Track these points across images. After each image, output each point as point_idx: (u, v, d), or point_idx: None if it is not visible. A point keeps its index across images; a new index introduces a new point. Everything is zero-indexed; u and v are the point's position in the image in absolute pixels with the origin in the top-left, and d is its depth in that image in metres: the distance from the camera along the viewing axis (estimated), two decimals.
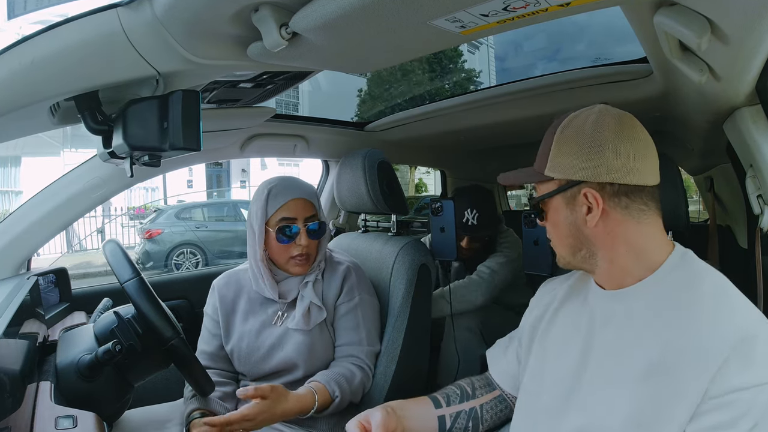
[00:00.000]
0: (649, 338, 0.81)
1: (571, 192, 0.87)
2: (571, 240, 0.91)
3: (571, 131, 0.88)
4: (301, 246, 1.43)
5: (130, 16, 0.83)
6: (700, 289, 0.81)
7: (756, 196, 1.08)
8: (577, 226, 0.88)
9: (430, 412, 1.10)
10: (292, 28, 0.85)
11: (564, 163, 0.87)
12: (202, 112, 0.99)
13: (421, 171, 15.42)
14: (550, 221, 0.94)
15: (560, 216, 0.90)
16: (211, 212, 10.07)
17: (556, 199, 0.90)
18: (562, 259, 0.95)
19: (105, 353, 1.10)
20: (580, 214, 0.87)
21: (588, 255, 0.90)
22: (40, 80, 0.91)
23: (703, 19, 0.74)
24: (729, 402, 0.71)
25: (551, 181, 0.90)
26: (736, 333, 0.74)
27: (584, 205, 0.86)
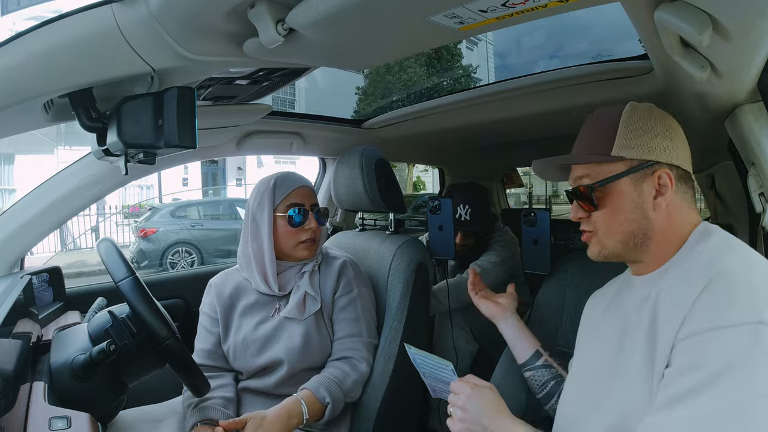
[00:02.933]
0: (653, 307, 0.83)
1: (642, 173, 0.87)
2: (633, 226, 0.88)
3: (640, 114, 0.89)
4: (311, 229, 1.49)
5: (125, 12, 0.82)
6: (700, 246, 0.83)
7: (758, 194, 1.08)
8: (644, 210, 0.87)
9: (534, 342, 1.24)
10: (289, 24, 0.84)
11: (638, 144, 0.87)
12: (197, 109, 0.98)
13: (419, 169, 15.46)
14: (609, 207, 0.89)
15: (625, 200, 0.88)
16: (207, 210, 10.05)
17: (624, 182, 0.88)
18: (606, 250, 0.92)
19: (99, 353, 1.09)
20: (648, 196, 0.87)
21: (641, 242, 0.88)
22: (33, 77, 0.90)
23: (704, 15, 0.74)
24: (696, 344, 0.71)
25: (616, 162, 0.88)
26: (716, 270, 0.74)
27: (653, 187, 0.86)
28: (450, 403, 0.99)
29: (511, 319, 1.28)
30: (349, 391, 1.42)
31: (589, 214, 0.92)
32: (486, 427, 0.91)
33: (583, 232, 0.95)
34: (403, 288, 1.55)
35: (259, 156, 15.09)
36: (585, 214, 0.93)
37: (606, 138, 0.89)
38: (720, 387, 0.66)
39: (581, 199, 0.92)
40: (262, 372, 1.46)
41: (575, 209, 0.95)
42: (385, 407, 1.46)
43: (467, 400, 0.94)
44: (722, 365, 0.67)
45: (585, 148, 0.93)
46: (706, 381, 0.67)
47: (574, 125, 1.00)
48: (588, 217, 0.93)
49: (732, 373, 0.66)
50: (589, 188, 0.90)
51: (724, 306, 0.70)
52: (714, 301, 0.71)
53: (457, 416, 0.95)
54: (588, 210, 0.92)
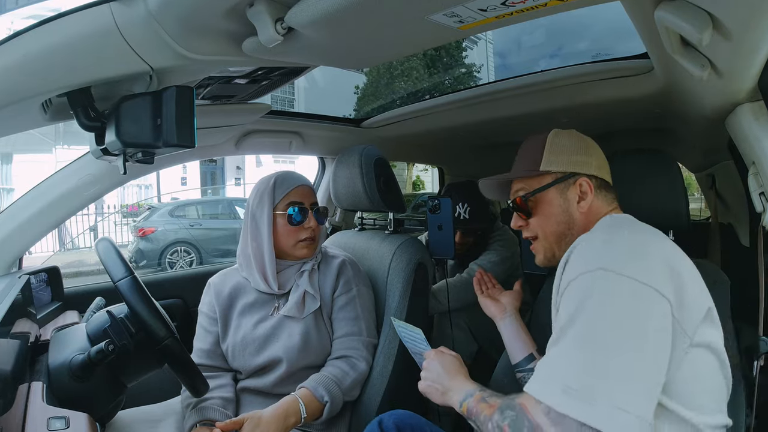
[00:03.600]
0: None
1: (566, 183, 1.07)
2: (562, 227, 1.07)
3: (562, 137, 1.10)
4: (310, 228, 1.51)
5: (124, 12, 0.82)
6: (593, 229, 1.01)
7: (758, 193, 1.07)
8: (570, 212, 1.06)
9: (530, 345, 1.30)
10: (288, 23, 0.84)
11: (561, 160, 1.07)
12: (196, 108, 0.98)
13: (418, 168, 15.45)
14: (541, 214, 1.09)
15: (554, 206, 1.07)
16: (206, 210, 10.03)
17: (551, 191, 1.08)
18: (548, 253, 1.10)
19: (98, 353, 1.09)
20: (573, 201, 1.06)
21: (569, 240, 1.03)
22: (31, 76, 0.90)
23: (704, 14, 0.74)
24: (565, 293, 0.88)
25: (544, 176, 1.08)
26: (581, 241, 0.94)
27: (576, 194, 1.06)
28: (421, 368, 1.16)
29: (509, 320, 1.34)
30: (348, 390, 1.42)
31: (527, 222, 1.12)
32: (444, 384, 1.08)
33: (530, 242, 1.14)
34: (402, 288, 1.55)
35: (258, 155, 15.09)
36: (523, 222, 1.13)
37: (535, 157, 1.09)
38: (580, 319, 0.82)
39: (518, 209, 1.12)
40: (261, 371, 1.46)
41: (515, 219, 1.14)
42: (384, 407, 1.46)
43: (431, 362, 1.14)
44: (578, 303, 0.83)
45: (521, 167, 1.13)
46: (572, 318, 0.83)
47: (574, 124, 1.00)
48: (526, 225, 1.13)
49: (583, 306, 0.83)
50: (524, 198, 1.10)
51: (576, 263, 0.89)
52: (572, 263, 0.90)
53: (423, 376, 1.13)
54: (524, 218, 1.12)
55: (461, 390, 1.02)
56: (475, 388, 1.00)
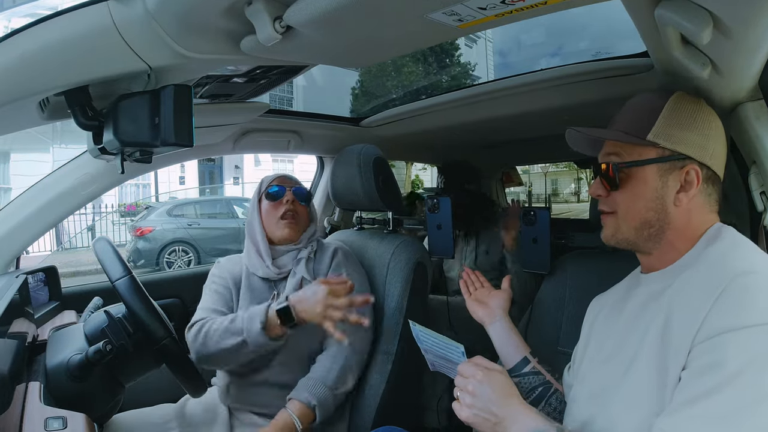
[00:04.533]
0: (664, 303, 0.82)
1: (672, 164, 0.86)
2: (650, 214, 0.88)
3: (686, 106, 0.88)
4: (288, 202, 1.57)
5: (122, 10, 0.82)
6: (713, 246, 0.83)
7: (759, 192, 1.07)
8: (664, 201, 0.87)
9: (523, 348, 1.20)
10: (286, 22, 0.84)
11: (675, 135, 0.86)
12: (194, 107, 0.98)
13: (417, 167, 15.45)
14: (629, 190, 0.89)
15: (648, 186, 0.87)
16: (204, 209, 10.02)
17: (650, 168, 0.87)
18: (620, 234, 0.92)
19: (95, 353, 1.08)
20: (672, 190, 0.86)
21: (655, 233, 0.88)
22: (29, 75, 0.90)
23: (704, 12, 0.73)
24: (719, 343, 0.70)
25: (648, 147, 0.87)
26: (730, 273, 0.74)
27: (679, 182, 0.86)
28: (457, 386, 0.94)
29: (499, 324, 1.24)
30: (336, 383, 1.41)
31: (608, 193, 0.92)
32: (496, 414, 0.87)
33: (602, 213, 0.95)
34: (401, 287, 1.55)
35: (257, 154, 15.07)
36: (604, 192, 0.93)
37: (645, 121, 0.88)
38: (739, 385, 0.66)
39: (604, 177, 0.92)
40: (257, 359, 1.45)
41: (596, 185, 0.94)
42: (383, 407, 1.46)
43: (478, 385, 0.90)
44: (741, 364, 0.67)
45: (622, 127, 0.91)
46: (725, 380, 0.67)
47: (574, 123, 0.99)
48: (606, 196, 0.93)
49: (751, 371, 0.66)
50: (615, 167, 0.89)
51: (741, 307, 0.70)
52: (731, 304, 0.71)
53: (466, 402, 0.90)
54: (607, 189, 0.92)
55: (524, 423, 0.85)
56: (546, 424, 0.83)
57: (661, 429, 0.71)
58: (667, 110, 0.87)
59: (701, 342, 0.72)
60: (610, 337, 0.94)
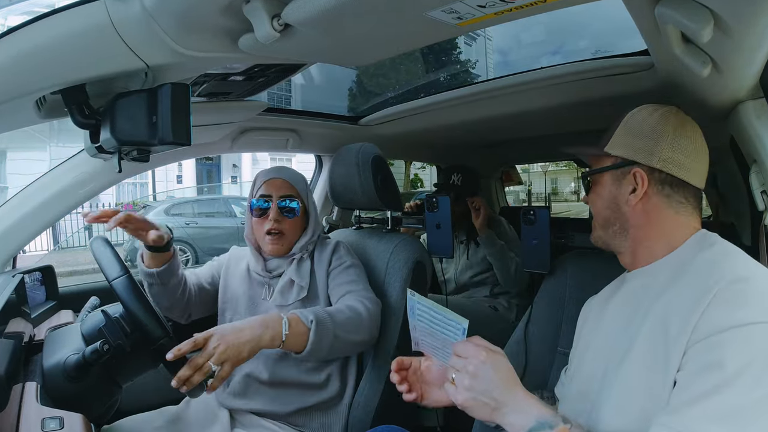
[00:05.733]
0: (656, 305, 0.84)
1: (622, 170, 0.96)
2: (607, 213, 0.99)
3: (637, 117, 0.97)
4: (272, 221, 1.49)
5: (119, 8, 0.81)
6: (705, 253, 0.85)
7: (760, 192, 1.07)
8: (617, 202, 0.97)
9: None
10: (285, 20, 0.83)
11: (623, 143, 0.96)
12: (191, 105, 0.98)
13: (416, 166, 15.46)
14: (594, 194, 1.02)
15: (605, 190, 0.99)
16: (202, 208, 10.00)
17: (606, 175, 0.99)
18: (595, 233, 1.04)
19: (92, 353, 1.08)
20: (624, 192, 0.95)
21: (619, 231, 0.97)
22: (25, 73, 0.89)
23: (705, 11, 0.73)
24: (716, 343, 0.70)
25: (608, 158, 0.99)
26: (726, 277, 0.75)
27: (630, 185, 0.94)
28: (453, 367, 0.86)
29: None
30: (341, 324, 1.32)
31: (587, 198, 1.07)
32: (496, 399, 0.81)
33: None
34: (400, 286, 1.54)
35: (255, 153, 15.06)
36: (585, 197, 1.08)
37: (608, 136, 0.99)
38: (740, 383, 0.67)
39: (584, 182, 1.07)
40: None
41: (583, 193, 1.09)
42: (382, 406, 1.45)
43: (480, 366, 0.82)
44: (741, 362, 0.67)
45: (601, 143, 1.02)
46: (725, 379, 0.67)
47: (573, 122, 1.00)
48: (586, 201, 1.08)
49: (752, 369, 0.67)
50: (584, 176, 1.06)
51: (739, 306, 0.71)
52: (728, 304, 0.72)
53: (464, 384, 0.83)
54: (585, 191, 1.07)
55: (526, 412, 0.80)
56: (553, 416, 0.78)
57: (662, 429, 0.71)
58: (622, 123, 0.98)
59: (698, 341, 0.72)
60: (597, 335, 0.99)
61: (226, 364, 1.13)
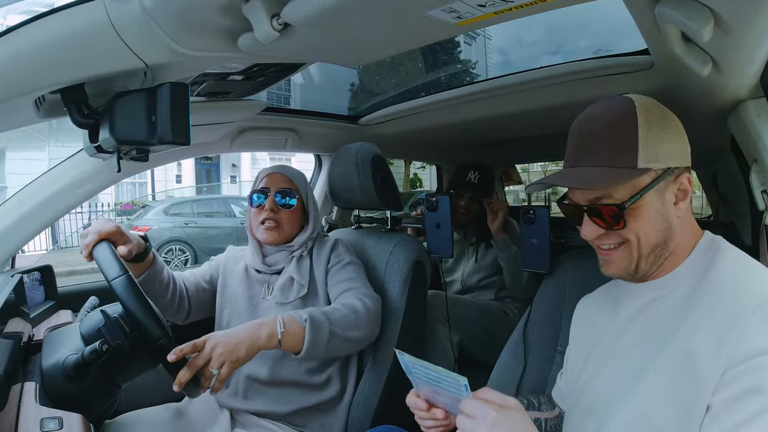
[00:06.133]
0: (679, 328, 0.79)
1: (666, 181, 0.81)
2: (660, 237, 0.82)
3: (656, 116, 0.81)
4: (268, 210, 1.53)
5: (117, 7, 0.81)
6: (723, 266, 0.80)
7: (760, 191, 1.07)
8: (668, 218, 0.82)
9: None
10: (284, 19, 0.83)
11: (663, 150, 0.80)
12: (191, 105, 0.97)
13: (416, 166, 15.44)
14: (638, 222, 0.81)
15: (650, 212, 0.81)
16: (201, 208, 9.99)
17: (649, 194, 0.80)
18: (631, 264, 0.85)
19: (91, 353, 1.07)
20: (670, 204, 0.82)
21: (661, 252, 0.83)
22: (24, 73, 0.89)
23: (705, 10, 0.73)
24: (755, 367, 0.68)
25: (640, 174, 0.79)
26: (755, 297, 0.72)
27: (673, 194, 0.81)
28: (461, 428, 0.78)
29: None
30: (338, 322, 1.33)
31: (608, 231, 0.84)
32: None
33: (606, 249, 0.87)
34: (400, 287, 1.54)
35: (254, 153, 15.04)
36: (602, 233, 0.85)
37: (626, 147, 0.80)
38: None
39: (604, 218, 0.83)
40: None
41: (591, 228, 0.85)
42: (381, 406, 1.45)
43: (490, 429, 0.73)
44: None
45: (602, 161, 0.82)
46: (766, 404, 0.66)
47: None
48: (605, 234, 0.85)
49: None
50: (620, 207, 0.80)
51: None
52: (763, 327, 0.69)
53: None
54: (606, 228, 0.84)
55: None
56: None
57: None
58: (643, 128, 0.80)
59: (735, 366, 0.69)
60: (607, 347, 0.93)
61: (225, 366, 1.17)
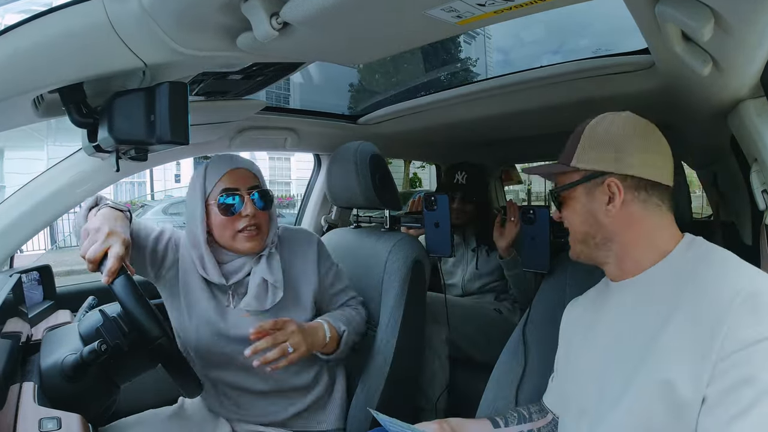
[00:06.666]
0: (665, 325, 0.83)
1: (594, 182, 0.95)
2: (586, 227, 0.97)
3: (600, 128, 0.96)
4: (248, 216, 1.32)
5: (116, 6, 0.81)
6: (705, 263, 0.85)
7: (761, 191, 1.07)
8: (594, 215, 0.95)
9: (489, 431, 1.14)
10: (283, 18, 0.83)
11: (591, 156, 0.95)
12: (189, 104, 0.97)
13: (415, 165, 15.45)
14: (568, 210, 1.01)
15: (578, 204, 0.98)
16: None
17: (578, 189, 0.97)
18: (575, 248, 1.03)
19: (90, 353, 1.07)
20: (601, 203, 0.94)
21: (602, 242, 0.96)
22: (23, 72, 0.89)
23: (705, 9, 0.73)
24: (746, 357, 0.72)
25: (576, 172, 0.97)
26: (742, 291, 0.76)
27: (606, 195, 0.93)
28: None
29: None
30: (355, 330, 1.45)
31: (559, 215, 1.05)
32: None
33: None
34: (399, 287, 1.54)
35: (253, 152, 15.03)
36: (557, 214, 1.07)
37: (570, 150, 0.98)
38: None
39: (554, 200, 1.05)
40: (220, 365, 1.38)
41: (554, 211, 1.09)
42: (380, 406, 1.45)
43: None
44: None
45: (560, 158, 1.02)
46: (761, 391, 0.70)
47: (573, 121, 0.99)
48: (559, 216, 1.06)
49: None
50: (553, 193, 1.04)
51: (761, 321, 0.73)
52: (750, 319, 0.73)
53: None
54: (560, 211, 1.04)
55: None
56: None
57: None
58: (584, 135, 0.97)
59: (726, 357, 0.73)
60: (592, 350, 0.98)
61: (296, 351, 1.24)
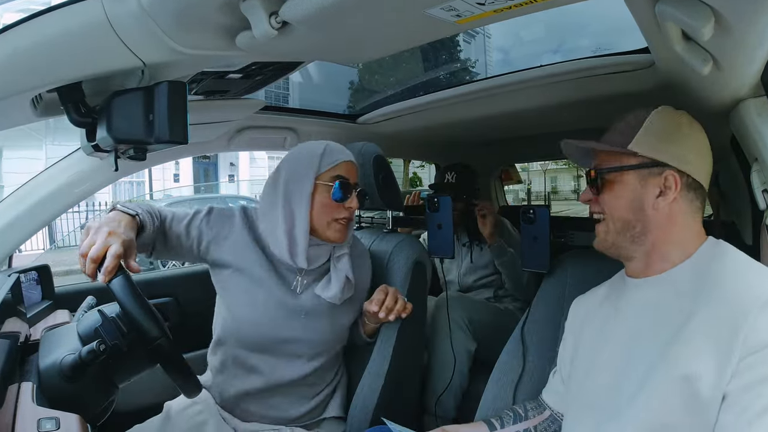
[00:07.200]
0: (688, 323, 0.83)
1: (650, 171, 0.92)
2: (629, 215, 0.94)
3: (666, 118, 0.95)
4: (350, 208, 1.38)
5: (115, 5, 0.81)
6: (729, 265, 0.86)
7: (761, 191, 1.07)
8: (641, 204, 0.93)
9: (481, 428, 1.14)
10: (282, 17, 0.83)
11: (653, 144, 0.92)
12: (188, 103, 0.97)
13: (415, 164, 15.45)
14: (611, 193, 0.96)
15: (627, 190, 0.94)
16: None
17: (630, 174, 0.94)
18: (607, 236, 0.98)
19: (89, 353, 1.07)
20: (652, 194, 0.92)
21: (638, 234, 0.93)
22: (21, 71, 0.89)
23: (706, 8, 0.73)
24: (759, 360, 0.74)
25: (630, 156, 0.94)
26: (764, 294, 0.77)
27: (658, 188, 0.92)
28: None
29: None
30: None
31: (595, 197, 1.00)
32: None
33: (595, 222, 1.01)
34: (400, 287, 1.53)
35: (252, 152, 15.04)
36: (591, 197, 1.01)
37: (628, 133, 0.95)
38: None
39: (590, 183, 1.00)
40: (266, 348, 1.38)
41: (585, 192, 1.02)
42: (381, 409, 1.45)
43: None
44: None
45: (608, 139, 0.98)
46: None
47: (573, 120, 0.99)
48: (595, 200, 1.00)
49: None
50: (598, 172, 0.98)
51: None
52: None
53: None
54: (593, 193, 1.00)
55: None
56: None
57: None
58: (648, 122, 0.94)
59: (749, 355, 0.75)
60: (608, 345, 0.96)
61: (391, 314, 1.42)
